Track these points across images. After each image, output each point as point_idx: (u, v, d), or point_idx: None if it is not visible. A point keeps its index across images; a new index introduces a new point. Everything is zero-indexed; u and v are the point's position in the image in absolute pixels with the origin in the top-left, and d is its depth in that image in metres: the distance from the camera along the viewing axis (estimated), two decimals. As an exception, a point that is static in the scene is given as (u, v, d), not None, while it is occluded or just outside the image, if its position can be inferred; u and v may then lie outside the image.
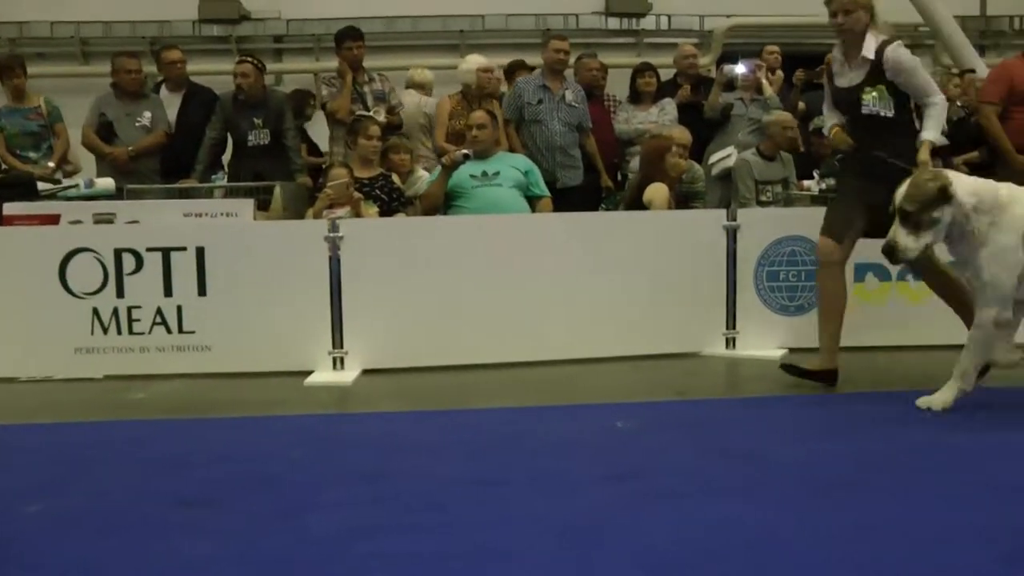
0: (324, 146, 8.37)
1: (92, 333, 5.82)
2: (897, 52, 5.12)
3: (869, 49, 5.13)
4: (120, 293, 5.78)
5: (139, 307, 5.79)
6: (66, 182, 7.20)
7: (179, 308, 5.78)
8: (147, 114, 7.83)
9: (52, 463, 4.21)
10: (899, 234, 4.57)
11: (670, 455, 4.08)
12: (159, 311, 5.78)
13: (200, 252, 5.74)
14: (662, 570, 2.84)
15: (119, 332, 5.82)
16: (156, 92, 8.24)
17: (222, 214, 6.22)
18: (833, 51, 5.36)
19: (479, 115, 6.97)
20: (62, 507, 3.60)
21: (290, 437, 4.55)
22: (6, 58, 8.34)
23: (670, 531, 3.13)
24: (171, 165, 7.75)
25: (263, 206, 6.59)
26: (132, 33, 11.88)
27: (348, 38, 7.83)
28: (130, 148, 7.69)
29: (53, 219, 6.23)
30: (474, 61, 7.95)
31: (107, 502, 3.65)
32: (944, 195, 4.50)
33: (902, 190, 4.54)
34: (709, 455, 4.06)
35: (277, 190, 6.73)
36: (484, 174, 6.78)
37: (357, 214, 6.30)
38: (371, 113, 7.29)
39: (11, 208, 6.31)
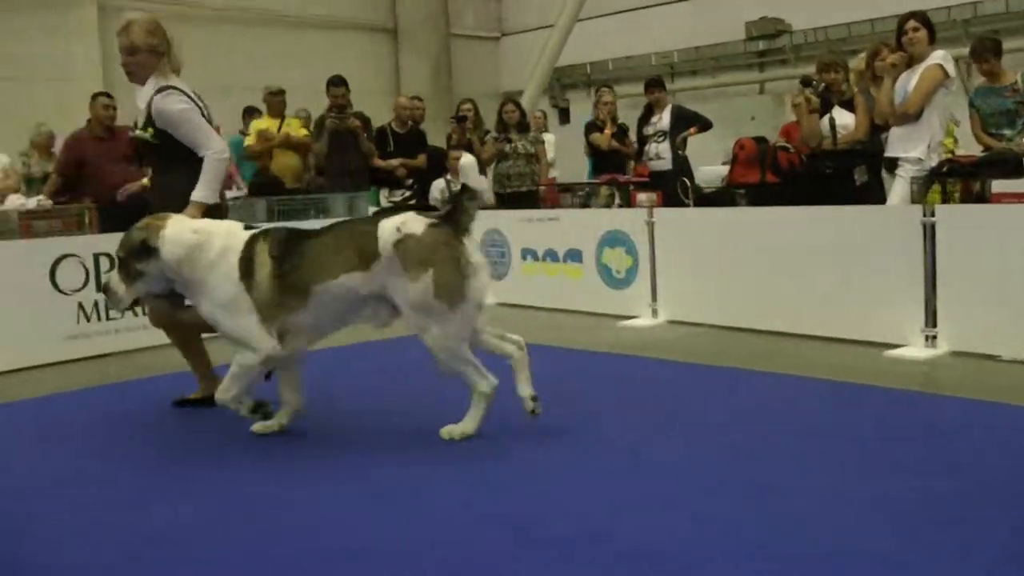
0: None
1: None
2: (161, 103, 5.06)
3: (143, 96, 5.12)
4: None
5: None
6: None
7: None
8: None
9: None
10: (113, 278, 4.61)
11: None
12: None
13: None
14: None
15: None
16: None
17: None
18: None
19: None
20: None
21: None
22: (979, 42, 8.32)
23: None
24: None
25: None
26: None
27: None
28: None
29: (1048, 197, 6.11)
30: None
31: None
32: (147, 248, 4.45)
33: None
34: None
35: None
36: None
37: None
38: None
39: (1000, 186, 6.32)
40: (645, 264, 7.76)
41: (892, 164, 7.03)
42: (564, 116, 17.64)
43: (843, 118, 7.68)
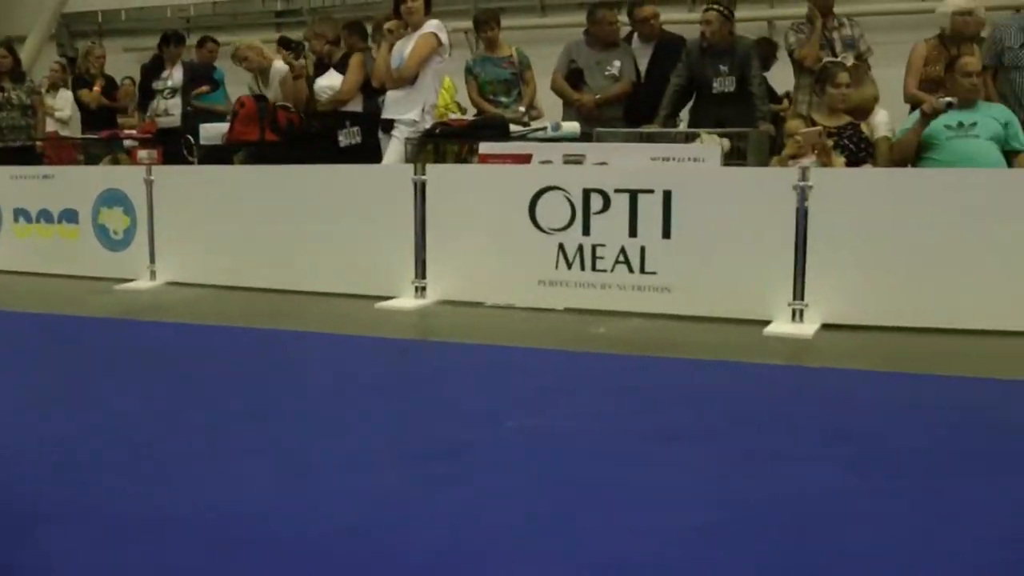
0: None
1: (556, 267, 6.04)
2: None
3: None
4: (586, 231, 5.94)
5: (603, 245, 5.93)
6: (534, 125, 7.52)
7: (642, 249, 5.85)
8: (616, 63, 7.95)
9: (525, 384, 4.46)
10: None
11: None
12: (623, 250, 5.88)
13: (667, 195, 5.76)
14: None
15: (582, 268, 5.99)
16: (628, 42, 8.31)
17: (689, 159, 6.20)
18: None
19: (974, 62, 6.53)
20: (537, 427, 3.76)
21: (752, 385, 4.51)
22: (482, 12, 8.77)
23: None
24: (636, 113, 7.83)
25: (728, 153, 6.50)
26: (594, -16, 12.15)
27: (820, -18, 7.51)
28: (597, 96, 7.88)
29: (525, 159, 6.50)
30: (952, 3, 7.42)
31: (579, 427, 3.78)
32: None
33: None
34: None
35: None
36: (960, 124, 6.32)
37: (826, 164, 6.07)
38: (840, 60, 7.00)
39: (486, 147, 6.66)
40: (144, 224, 7.43)
41: (388, 125, 7.24)
42: (73, 65, 16.57)
43: (332, 80, 7.79)
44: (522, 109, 7.94)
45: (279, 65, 8.31)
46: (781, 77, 8.22)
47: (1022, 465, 3.34)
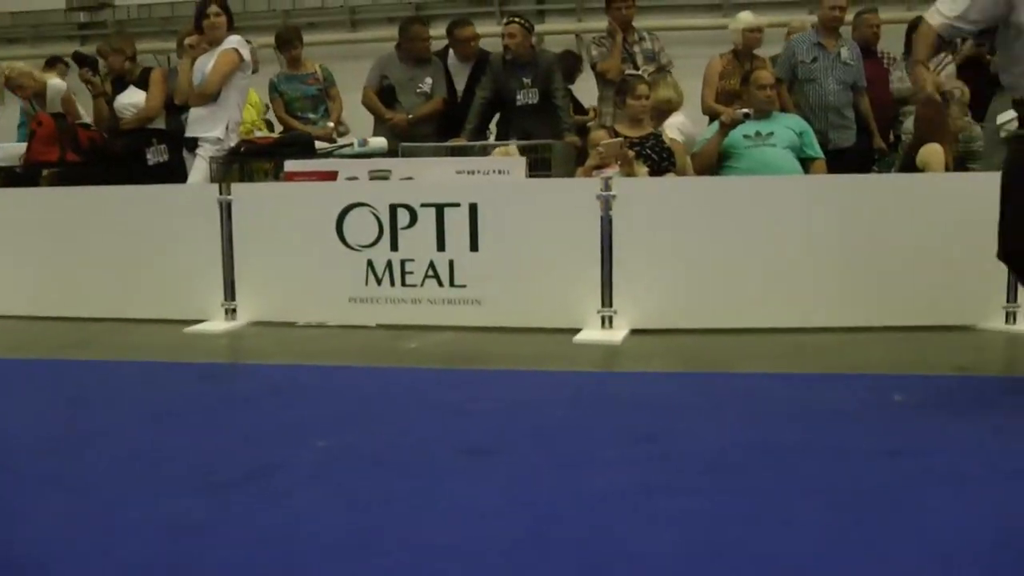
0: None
1: (367, 284, 6.01)
2: None
3: None
4: (394, 246, 5.94)
5: (412, 260, 5.93)
6: (340, 141, 7.49)
7: (451, 262, 5.87)
8: (428, 80, 7.98)
9: (336, 403, 4.40)
10: None
11: (950, 433, 3.78)
12: (431, 265, 5.90)
13: (473, 208, 5.80)
14: (954, 554, 2.62)
15: (392, 284, 5.98)
16: (444, 58, 8.34)
17: (494, 172, 6.26)
18: None
19: (768, 75, 6.88)
20: (349, 445, 3.72)
21: (562, 392, 4.55)
22: (285, 30, 8.70)
23: (955, 513, 2.90)
24: (450, 130, 7.86)
25: (534, 165, 6.59)
26: (399, -1, 12.20)
27: (619, -3, 7.71)
28: (410, 115, 7.88)
29: (331, 176, 6.46)
30: (743, 20, 7.75)
31: (391, 443, 3.75)
32: None
33: None
34: (992, 435, 3.73)
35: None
36: (758, 134, 6.62)
37: (629, 173, 6.21)
38: (640, 72, 7.19)
39: (291, 165, 6.59)
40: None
41: (192, 143, 7.07)
42: None
43: (135, 97, 7.59)
44: (331, 125, 7.89)
45: (54, 83, 7.98)
46: (587, 89, 8.40)
47: (823, 456, 3.46)
